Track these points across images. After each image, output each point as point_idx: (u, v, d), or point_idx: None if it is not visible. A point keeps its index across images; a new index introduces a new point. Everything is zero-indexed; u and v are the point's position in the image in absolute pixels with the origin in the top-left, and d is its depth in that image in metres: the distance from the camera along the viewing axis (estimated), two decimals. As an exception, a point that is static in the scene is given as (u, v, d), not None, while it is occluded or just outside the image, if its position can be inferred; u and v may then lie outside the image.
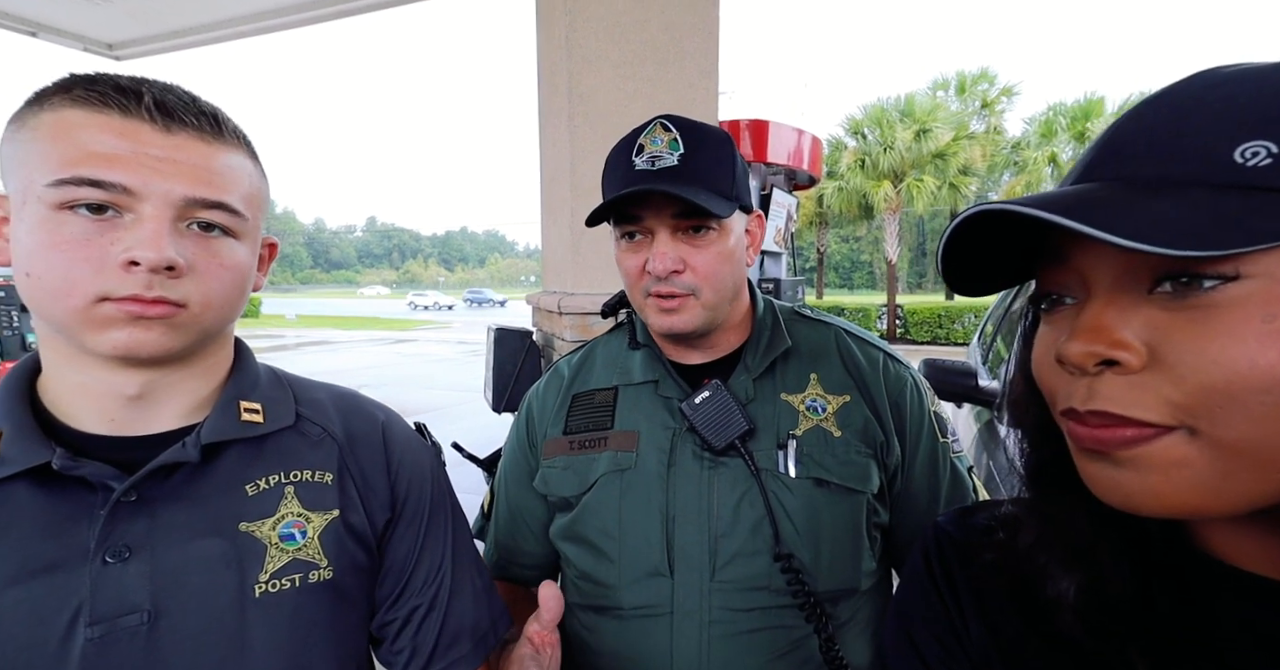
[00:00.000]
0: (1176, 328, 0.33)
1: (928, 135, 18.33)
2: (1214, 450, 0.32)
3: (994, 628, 0.47)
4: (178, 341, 0.55)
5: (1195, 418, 0.33)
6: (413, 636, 0.69)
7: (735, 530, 0.79)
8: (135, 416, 0.58)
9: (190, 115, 0.54)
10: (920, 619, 0.51)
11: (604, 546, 0.83)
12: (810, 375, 0.87)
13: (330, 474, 0.66)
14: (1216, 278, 0.32)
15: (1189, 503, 0.34)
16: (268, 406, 0.65)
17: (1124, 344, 0.34)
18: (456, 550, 0.74)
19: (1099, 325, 0.35)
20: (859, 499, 0.81)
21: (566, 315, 2.11)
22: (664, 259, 0.78)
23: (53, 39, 3.92)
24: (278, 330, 21.86)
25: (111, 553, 0.54)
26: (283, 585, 0.60)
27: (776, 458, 0.81)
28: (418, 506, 0.72)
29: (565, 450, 0.89)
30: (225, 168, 0.56)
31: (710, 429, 0.80)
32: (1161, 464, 0.34)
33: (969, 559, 0.50)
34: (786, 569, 0.76)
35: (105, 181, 0.50)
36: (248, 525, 0.60)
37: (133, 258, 0.50)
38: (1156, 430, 0.34)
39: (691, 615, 0.78)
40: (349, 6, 3.56)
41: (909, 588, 0.54)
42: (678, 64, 2.18)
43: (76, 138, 0.50)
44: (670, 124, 0.80)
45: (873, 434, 0.83)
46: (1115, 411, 0.35)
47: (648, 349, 0.91)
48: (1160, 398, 0.33)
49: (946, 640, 0.49)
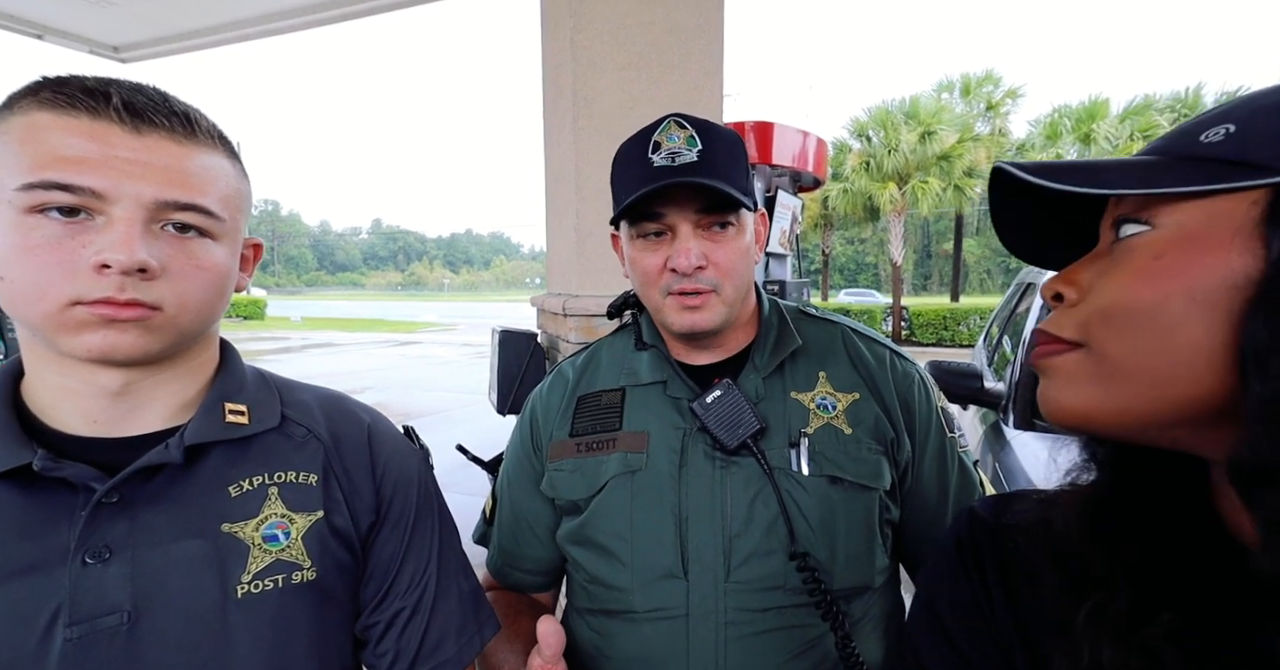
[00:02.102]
0: (1105, 268, 0.40)
1: (932, 137, 18.30)
2: (1096, 364, 0.39)
3: (1020, 611, 0.47)
4: (154, 344, 0.55)
5: (1088, 335, 0.39)
6: (396, 639, 0.69)
7: (749, 530, 0.78)
8: (118, 417, 0.58)
9: (161, 115, 0.54)
10: (948, 600, 0.51)
11: (615, 549, 0.82)
12: (819, 373, 0.86)
13: (315, 475, 0.66)
14: (1139, 222, 0.38)
15: (1080, 410, 0.40)
16: (253, 408, 0.65)
17: (1071, 282, 0.42)
18: (443, 554, 0.74)
19: (1068, 271, 0.43)
20: (872, 496, 0.81)
21: (571, 317, 2.10)
22: (689, 255, 0.77)
23: (59, 42, 3.94)
24: (283, 332, 21.92)
25: (91, 553, 0.54)
26: (265, 586, 0.60)
27: (789, 456, 0.80)
28: (403, 509, 0.72)
29: (572, 453, 0.88)
30: (199, 168, 0.56)
31: (722, 428, 0.79)
32: (1063, 374, 0.41)
33: (1000, 543, 0.50)
34: (803, 567, 0.76)
35: (74, 185, 0.50)
36: (230, 526, 0.60)
37: (104, 260, 0.50)
38: (1064, 345, 0.41)
39: (707, 617, 0.77)
40: (353, 9, 3.57)
41: (937, 570, 0.54)
42: (682, 66, 2.18)
43: (45, 140, 0.50)
44: (685, 121, 0.80)
45: (883, 431, 0.83)
46: (1045, 329, 0.42)
47: (655, 349, 0.90)
48: (1075, 320, 0.40)
49: (973, 621, 0.49)
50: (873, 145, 19.42)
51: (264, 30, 3.85)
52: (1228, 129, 0.36)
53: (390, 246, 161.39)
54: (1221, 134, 0.36)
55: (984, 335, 4.40)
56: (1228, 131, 0.36)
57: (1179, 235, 0.36)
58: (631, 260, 0.84)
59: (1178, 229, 0.36)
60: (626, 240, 0.85)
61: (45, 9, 3.57)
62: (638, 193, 0.77)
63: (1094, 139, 18.10)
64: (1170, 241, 0.36)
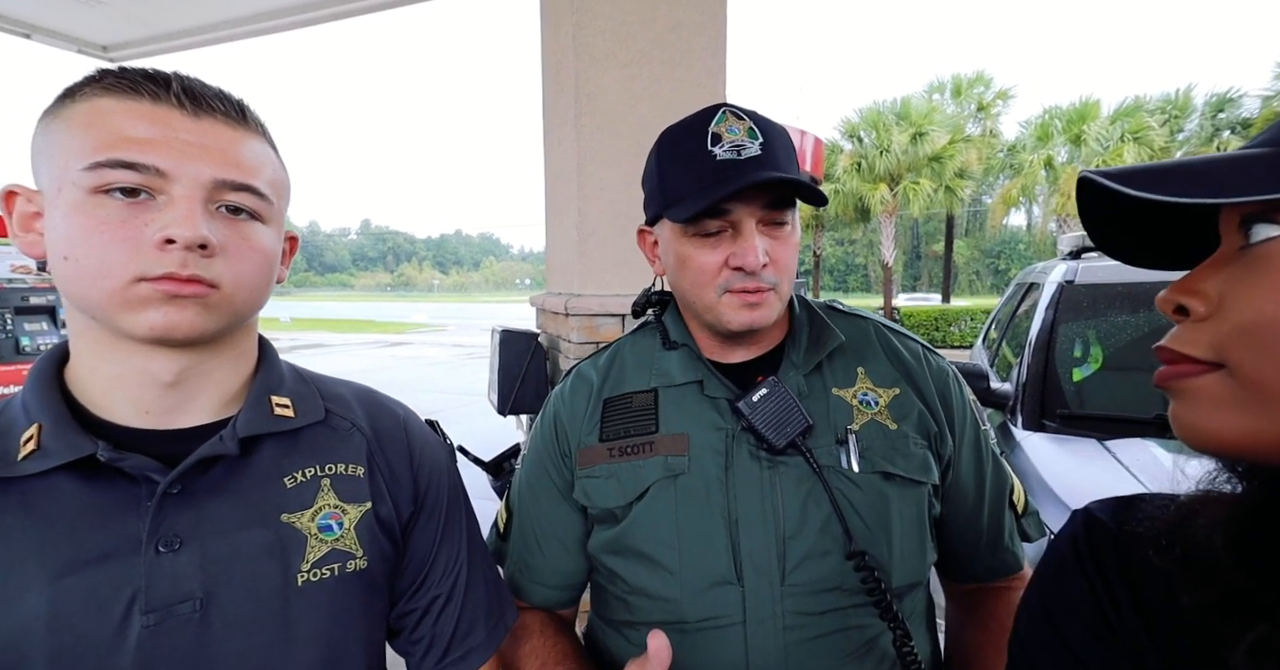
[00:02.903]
0: (1238, 277, 0.36)
1: (924, 138, 18.41)
2: (1247, 390, 0.34)
3: (1154, 625, 0.44)
4: (212, 322, 0.56)
5: (1230, 357, 0.35)
6: (432, 625, 0.72)
7: (804, 531, 0.76)
8: (170, 407, 0.59)
9: (217, 102, 0.57)
10: (1068, 610, 0.48)
11: (661, 558, 0.78)
12: (857, 369, 0.84)
13: (361, 467, 0.68)
14: (1275, 226, 0.34)
15: (1226, 438, 0.36)
16: (297, 401, 0.67)
17: (1194, 292, 0.38)
18: (472, 542, 0.78)
19: (1189, 278, 0.39)
20: (923, 490, 0.80)
21: (574, 316, 2.08)
22: (757, 252, 0.74)
23: (47, 41, 3.88)
24: (272, 333, 21.44)
25: (164, 543, 0.56)
26: (323, 574, 0.62)
27: (837, 454, 0.78)
28: (438, 499, 0.74)
29: (605, 458, 0.84)
30: (250, 153, 0.58)
31: (770, 427, 0.76)
32: (1204, 399, 0.37)
33: (1124, 548, 0.46)
34: (861, 567, 0.74)
35: (139, 163, 0.52)
36: (289, 516, 0.62)
37: (168, 236, 0.52)
38: (1200, 367, 0.37)
39: (765, 623, 0.74)
40: (342, 9, 3.53)
41: (1053, 577, 0.50)
42: (685, 64, 2.15)
43: (110, 123, 0.52)
44: (741, 112, 0.76)
45: (926, 425, 0.82)
46: (1172, 347, 0.38)
47: (685, 348, 0.87)
48: (1208, 337, 0.36)
49: (1100, 631, 0.46)
50: (864, 146, 19.51)
51: (253, 30, 3.80)
52: None
53: (379, 247, 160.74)
54: None
55: (982, 336, 4.40)
56: None
57: None
58: (684, 258, 0.79)
59: None
60: (674, 237, 0.80)
61: (34, 8, 3.51)
62: (721, 191, 0.72)
63: (1085, 140, 18.19)
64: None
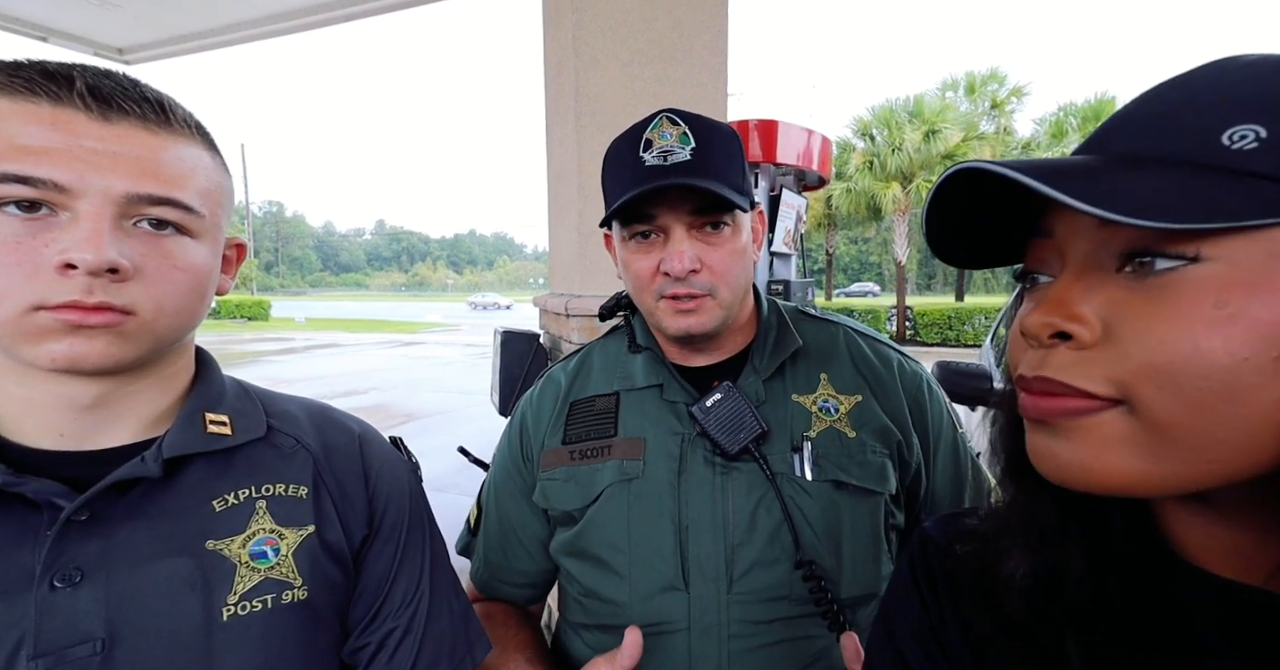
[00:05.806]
0: (1133, 306, 0.33)
1: (937, 136, 18.25)
2: (1148, 430, 0.33)
3: (967, 625, 0.47)
4: (128, 352, 0.50)
5: (1135, 395, 0.33)
6: (387, 662, 0.65)
7: (753, 538, 0.76)
8: (87, 430, 0.54)
9: (131, 102, 0.49)
10: (904, 623, 0.51)
11: (612, 561, 0.79)
12: (820, 375, 0.84)
13: (305, 488, 0.62)
14: (1178, 258, 0.32)
15: (1115, 480, 0.34)
16: (235, 418, 0.61)
17: (1079, 317, 0.35)
18: (435, 570, 0.71)
19: (1062, 298, 0.36)
20: (877, 500, 0.79)
21: (574, 317, 2.09)
22: (683, 258, 0.74)
23: (63, 44, 3.94)
24: (287, 333, 21.96)
25: (60, 577, 0.49)
26: (253, 607, 0.56)
27: (792, 461, 0.78)
28: (396, 522, 0.68)
29: (566, 461, 0.85)
30: (175, 160, 0.51)
31: (723, 433, 0.77)
32: (1097, 438, 0.34)
33: (951, 567, 0.49)
34: (809, 576, 0.73)
35: (33, 178, 0.45)
36: (215, 543, 0.56)
37: (68, 260, 0.45)
38: (1098, 403, 0.34)
39: (709, 630, 0.74)
40: (356, 10, 3.56)
41: (893, 592, 0.54)
42: (686, 63, 2.16)
43: (1, 129, 0.45)
44: (678, 117, 0.76)
45: (888, 434, 0.80)
46: (1060, 379, 0.35)
47: (649, 352, 0.87)
48: (1105, 372, 0.34)
49: (927, 644, 0.49)
50: (876, 144, 19.38)
51: (268, 31, 3.85)
52: (1257, 133, 0.31)
53: (394, 247, 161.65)
54: (1252, 139, 0.31)
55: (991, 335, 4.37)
56: (1259, 136, 0.31)
57: (1240, 276, 0.30)
58: (624, 262, 0.81)
59: (1234, 267, 0.30)
60: (618, 241, 0.81)
61: (50, 11, 3.57)
62: (628, 194, 0.73)
63: (1099, 137, 17.94)
64: (1232, 284, 0.30)
